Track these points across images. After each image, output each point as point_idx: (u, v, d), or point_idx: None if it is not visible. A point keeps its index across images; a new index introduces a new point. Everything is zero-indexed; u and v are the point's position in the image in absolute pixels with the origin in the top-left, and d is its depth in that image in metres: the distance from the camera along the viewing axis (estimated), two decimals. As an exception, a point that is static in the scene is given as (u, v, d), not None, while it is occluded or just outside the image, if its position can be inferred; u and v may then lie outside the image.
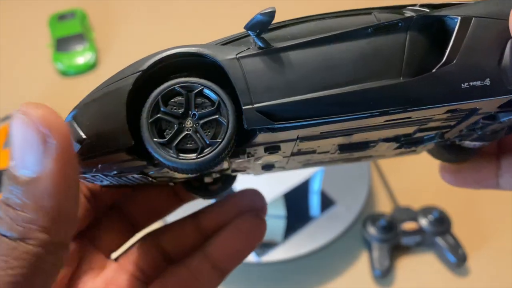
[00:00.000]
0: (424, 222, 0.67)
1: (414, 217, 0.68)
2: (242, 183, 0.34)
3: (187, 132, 0.21)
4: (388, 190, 0.75)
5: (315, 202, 0.71)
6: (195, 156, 0.21)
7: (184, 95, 0.21)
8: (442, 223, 0.66)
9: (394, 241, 0.66)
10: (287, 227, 0.68)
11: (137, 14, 1.11)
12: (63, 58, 0.97)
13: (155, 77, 0.22)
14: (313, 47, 0.21)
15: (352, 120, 0.22)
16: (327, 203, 0.71)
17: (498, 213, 0.71)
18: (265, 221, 0.32)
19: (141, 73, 0.21)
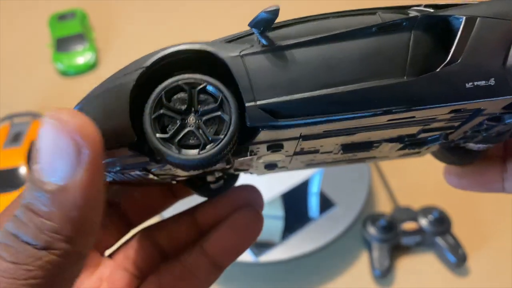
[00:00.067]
0: (424, 222, 0.67)
1: (414, 217, 0.68)
2: (240, 181, 0.34)
3: (189, 128, 0.21)
4: (388, 190, 0.75)
5: (314, 203, 0.71)
6: (197, 152, 0.21)
7: (187, 91, 0.21)
8: (442, 223, 0.66)
9: (394, 241, 0.66)
10: (286, 228, 0.68)
11: (137, 14, 1.11)
12: (63, 58, 0.97)
13: (158, 74, 0.22)
14: (317, 46, 0.21)
15: (355, 118, 0.21)
16: (326, 204, 0.70)
17: (498, 213, 0.71)
18: (262, 216, 0.31)
19: (144, 69, 0.21)
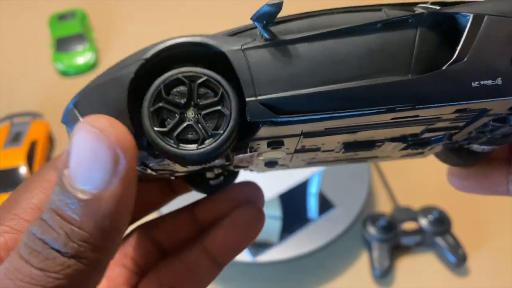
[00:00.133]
0: (424, 222, 0.67)
1: (414, 217, 0.68)
2: (239, 178, 0.34)
3: (188, 122, 0.21)
4: (388, 190, 0.75)
5: (313, 204, 0.71)
6: (195, 147, 0.21)
7: (187, 84, 0.21)
8: (442, 223, 0.66)
9: (394, 241, 0.66)
10: (284, 229, 0.67)
11: (137, 14, 1.11)
12: (63, 58, 0.97)
13: (158, 67, 0.21)
14: (321, 41, 0.21)
15: (358, 116, 0.21)
16: (326, 206, 0.70)
17: (498, 213, 0.71)
18: (264, 213, 0.31)
19: (144, 61, 0.21)
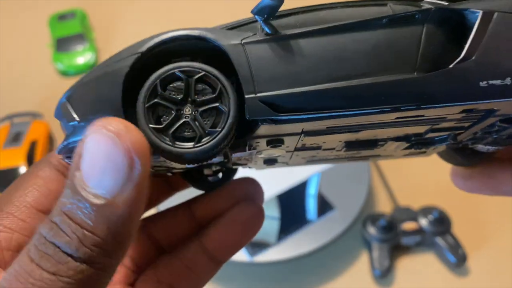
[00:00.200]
0: (424, 222, 0.67)
1: (414, 217, 0.68)
2: (238, 175, 0.33)
3: (185, 119, 0.20)
4: (388, 190, 0.75)
5: (311, 205, 0.70)
6: (192, 145, 0.20)
7: (184, 80, 0.20)
8: (442, 223, 0.66)
9: (394, 241, 0.66)
10: (282, 229, 0.67)
11: (137, 14, 1.11)
12: (63, 58, 0.97)
13: (155, 61, 0.21)
14: (324, 36, 0.20)
15: (361, 115, 0.20)
16: (325, 207, 0.70)
17: (498, 213, 0.71)
18: (263, 210, 0.30)
19: (139, 55, 0.20)
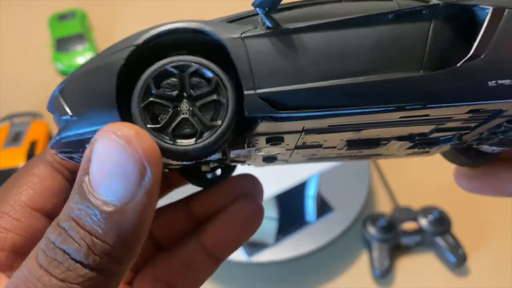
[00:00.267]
0: (424, 222, 0.67)
1: (414, 217, 0.68)
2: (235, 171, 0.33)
3: (183, 115, 0.19)
4: (388, 190, 0.74)
5: (310, 207, 0.70)
6: (193, 141, 0.19)
7: (177, 75, 0.19)
8: (442, 223, 0.66)
9: (394, 241, 0.66)
10: (280, 230, 0.67)
11: (137, 14, 1.11)
12: (63, 58, 0.97)
13: (153, 54, 0.20)
14: (327, 31, 0.19)
15: (364, 114, 0.20)
16: (324, 209, 0.70)
17: (498, 213, 0.71)
18: (263, 207, 0.29)
19: (135, 48, 0.20)
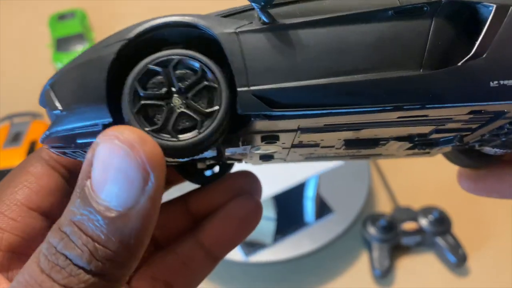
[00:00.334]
0: (424, 222, 0.67)
1: (414, 217, 0.68)
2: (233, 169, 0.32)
3: (179, 110, 0.19)
4: (388, 190, 0.74)
5: (310, 208, 0.70)
6: (196, 132, 0.19)
7: (161, 72, 0.19)
8: (442, 223, 0.66)
9: (394, 241, 0.66)
10: (278, 230, 0.67)
11: (137, 14, 1.11)
12: (63, 58, 0.97)
13: (146, 48, 0.19)
14: (325, 27, 0.19)
15: (361, 113, 0.19)
16: (324, 210, 0.70)
17: (498, 213, 0.71)
18: (261, 204, 0.29)
19: (127, 41, 0.19)
